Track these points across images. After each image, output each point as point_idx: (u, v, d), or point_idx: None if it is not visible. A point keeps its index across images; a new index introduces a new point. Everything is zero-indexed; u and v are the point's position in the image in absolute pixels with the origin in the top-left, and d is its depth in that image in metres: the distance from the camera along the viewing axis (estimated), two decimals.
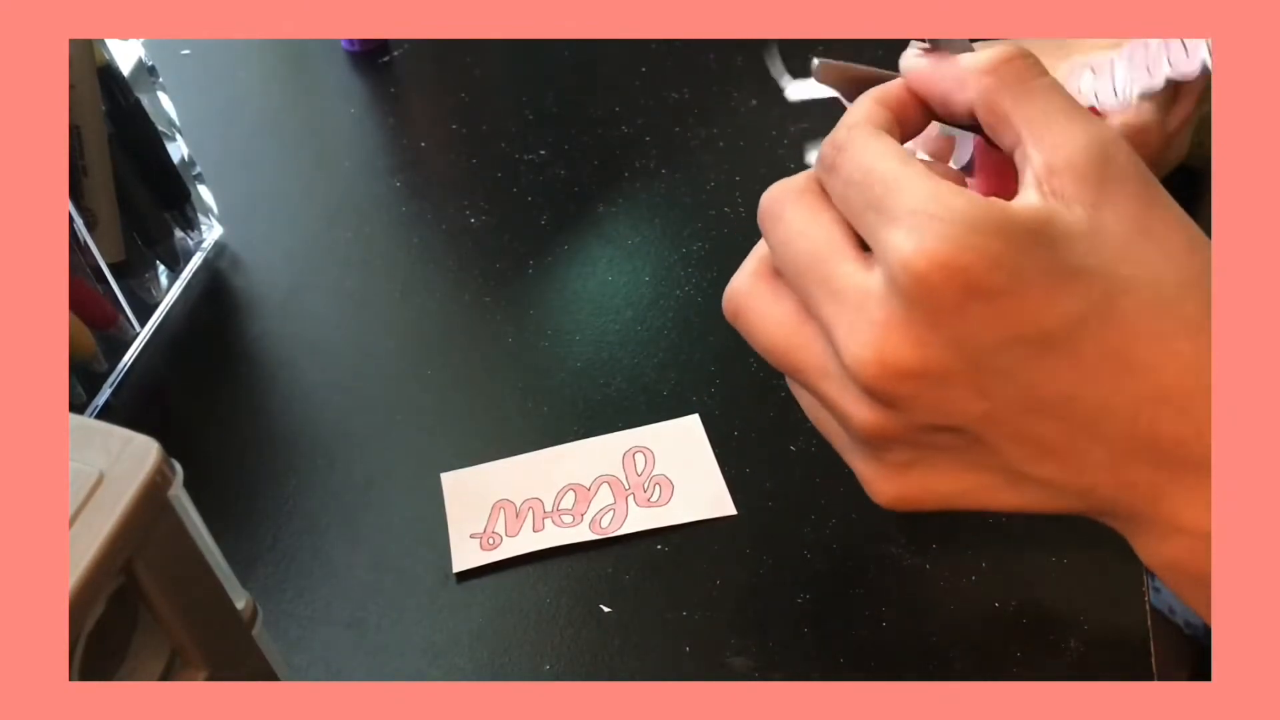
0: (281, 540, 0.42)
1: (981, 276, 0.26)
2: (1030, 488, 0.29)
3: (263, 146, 0.61)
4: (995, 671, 0.36)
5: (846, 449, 0.31)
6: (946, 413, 0.28)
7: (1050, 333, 0.27)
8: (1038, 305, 0.26)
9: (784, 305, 0.31)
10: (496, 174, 0.56)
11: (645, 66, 0.62)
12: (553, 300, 0.50)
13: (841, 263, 0.28)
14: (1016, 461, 0.28)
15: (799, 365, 0.31)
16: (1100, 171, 0.27)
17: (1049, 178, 0.27)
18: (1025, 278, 0.26)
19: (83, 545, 0.22)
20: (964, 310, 0.26)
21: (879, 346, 0.27)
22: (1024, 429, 0.28)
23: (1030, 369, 0.27)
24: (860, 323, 0.28)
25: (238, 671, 0.28)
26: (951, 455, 0.29)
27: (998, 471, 0.29)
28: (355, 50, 0.65)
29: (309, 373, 0.48)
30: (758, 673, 0.37)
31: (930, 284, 0.26)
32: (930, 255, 0.26)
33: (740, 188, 0.54)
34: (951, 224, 0.26)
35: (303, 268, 0.53)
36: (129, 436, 0.24)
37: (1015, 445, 0.28)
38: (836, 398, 0.30)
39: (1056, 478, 0.28)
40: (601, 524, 0.41)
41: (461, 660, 0.38)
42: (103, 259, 0.46)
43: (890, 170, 0.28)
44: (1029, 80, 0.29)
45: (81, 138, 0.45)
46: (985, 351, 0.27)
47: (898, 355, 0.27)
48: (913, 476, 0.30)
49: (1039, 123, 0.28)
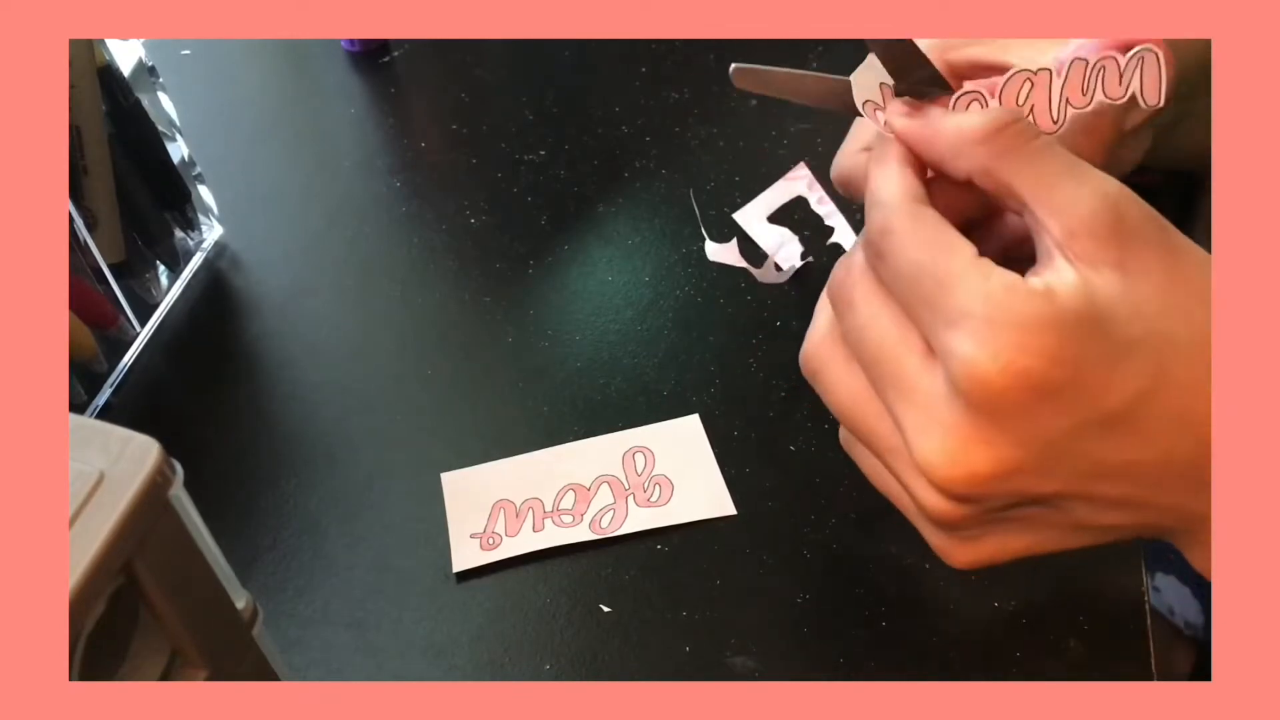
0: (281, 540, 0.42)
1: (1045, 376, 0.26)
2: (1094, 535, 0.31)
3: (263, 146, 0.61)
4: (995, 671, 0.36)
5: (916, 519, 0.32)
6: (1016, 496, 0.29)
7: (1114, 412, 0.27)
8: (1100, 391, 0.27)
9: (856, 373, 0.31)
10: (496, 174, 0.56)
11: (645, 66, 0.62)
12: (553, 300, 0.50)
13: (907, 359, 0.29)
14: (1084, 517, 0.30)
15: (870, 434, 0.31)
16: (1116, 229, 0.27)
17: (1069, 243, 0.27)
18: (1085, 367, 0.27)
19: (83, 545, 0.22)
20: (1030, 410, 0.27)
21: (949, 452, 0.28)
22: (1092, 492, 0.29)
23: (1096, 447, 0.28)
24: (929, 425, 0.28)
25: (238, 671, 0.28)
26: (1022, 523, 0.30)
27: (1066, 527, 0.30)
28: (355, 50, 0.65)
29: (309, 373, 0.48)
30: (758, 673, 0.37)
31: (995, 390, 0.27)
32: (991, 363, 0.26)
33: (740, 188, 0.54)
34: (1008, 327, 0.26)
35: (303, 268, 0.53)
36: (129, 436, 0.24)
37: (1083, 505, 0.29)
38: (910, 481, 0.30)
39: (1121, 522, 0.30)
40: (601, 524, 0.41)
41: (461, 660, 0.38)
42: (103, 259, 0.46)
43: (938, 266, 0.28)
44: (1024, 146, 0.29)
45: (81, 138, 0.45)
46: (1054, 443, 0.27)
47: (969, 460, 0.28)
48: (985, 544, 0.31)
49: (1043, 188, 0.28)
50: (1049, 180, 0.28)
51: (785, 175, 0.50)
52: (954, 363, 0.27)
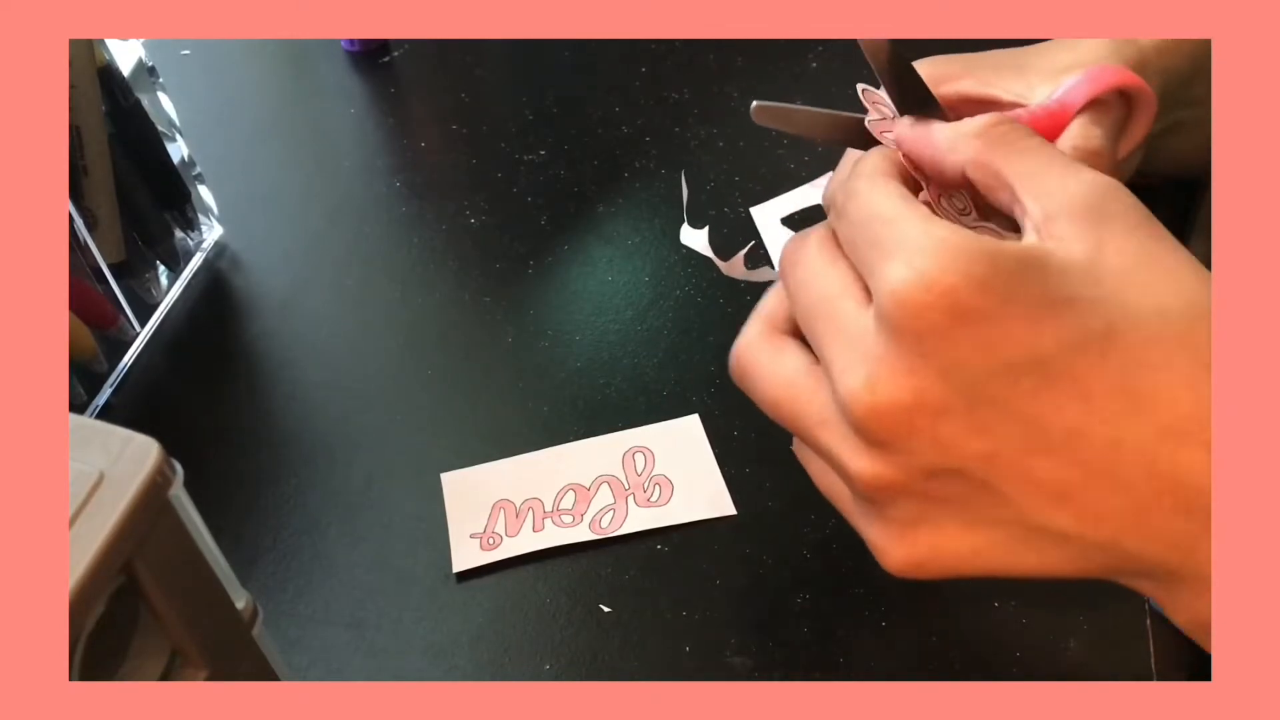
0: (281, 540, 0.42)
1: (967, 299, 0.25)
2: (1048, 545, 0.28)
3: (263, 146, 0.61)
4: (995, 671, 0.36)
5: (854, 514, 0.31)
6: (945, 451, 0.27)
7: (1045, 360, 0.26)
8: (1030, 330, 0.26)
9: (786, 360, 0.31)
10: (496, 174, 0.56)
11: (645, 66, 0.62)
12: (553, 300, 0.50)
13: (845, 303, 0.28)
14: (1028, 511, 0.27)
15: (798, 415, 0.30)
16: (1097, 213, 0.27)
17: (1046, 225, 0.27)
18: (1014, 301, 0.26)
19: (83, 545, 0.22)
20: (952, 335, 0.26)
21: (869, 381, 0.27)
22: (1031, 471, 0.26)
23: (1029, 401, 0.26)
24: (854, 358, 0.27)
25: (238, 671, 0.28)
26: (958, 508, 0.28)
27: (1009, 525, 0.28)
28: (355, 50, 0.65)
29: (309, 373, 0.48)
30: (758, 673, 0.37)
31: (915, 309, 0.26)
32: (914, 281, 0.26)
33: (740, 188, 0.54)
34: (937, 253, 0.26)
35: (303, 268, 0.53)
36: (129, 436, 0.24)
37: (1024, 491, 0.27)
38: (836, 448, 0.29)
39: (1074, 529, 0.27)
40: (601, 524, 0.41)
41: (461, 660, 0.38)
42: (103, 259, 0.46)
43: (890, 209, 0.28)
44: (1017, 142, 0.29)
45: (81, 138, 0.45)
46: (978, 380, 0.26)
47: (888, 387, 0.26)
48: (921, 536, 0.29)
49: (1031, 177, 0.28)
50: (1038, 169, 0.28)
51: (812, 181, 0.50)
52: (883, 286, 0.26)
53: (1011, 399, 0.26)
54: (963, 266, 0.26)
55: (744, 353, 0.32)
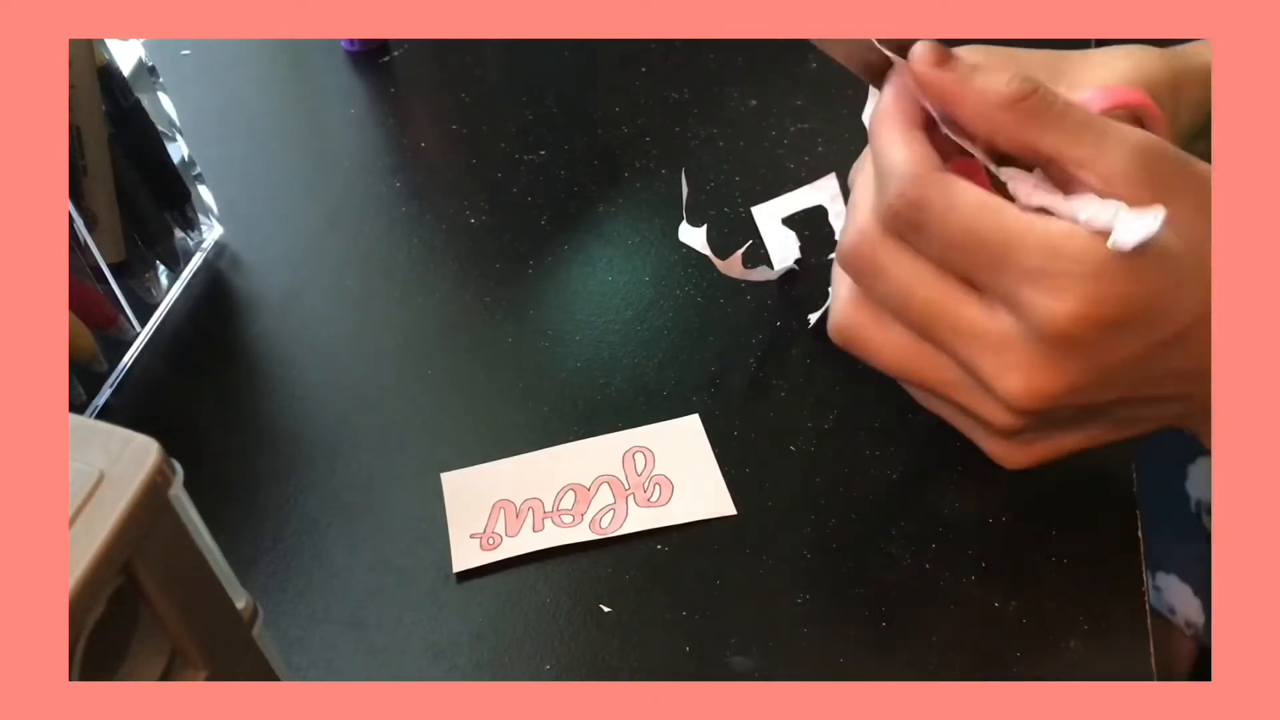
0: (281, 540, 0.42)
1: (1118, 317, 0.30)
2: (1139, 425, 0.34)
3: (263, 146, 0.61)
4: (995, 671, 0.36)
5: (973, 431, 0.36)
6: (1081, 406, 0.32)
7: (1177, 334, 0.30)
8: (1166, 318, 0.30)
9: (897, 331, 0.34)
10: (496, 174, 0.56)
11: (645, 66, 0.62)
12: (553, 300, 0.50)
13: (965, 309, 0.32)
14: (1134, 413, 0.33)
15: (929, 381, 0.34)
16: (1148, 173, 0.30)
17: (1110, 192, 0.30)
18: (1153, 300, 0.30)
19: (83, 545, 0.22)
20: (1106, 342, 0.30)
21: (1030, 382, 0.31)
22: (1146, 395, 0.32)
23: (1154, 362, 0.31)
24: (1006, 365, 0.31)
25: (238, 671, 0.28)
26: (1077, 424, 0.34)
27: (1116, 422, 0.34)
28: (355, 50, 0.65)
29: (309, 373, 0.48)
30: (758, 673, 0.37)
31: (1075, 335, 0.30)
32: (1074, 313, 0.29)
33: (740, 188, 0.54)
34: (1086, 278, 0.29)
35: (303, 268, 0.53)
36: (129, 436, 0.24)
37: (1136, 406, 0.33)
38: (976, 405, 0.34)
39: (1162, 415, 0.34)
40: (601, 524, 0.41)
41: (461, 660, 0.38)
42: (103, 259, 0.46)
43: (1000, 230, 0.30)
44: (1045, 110, 0.31)
45: (81, 138, 0.45)
46: (1122, 362, 0.31)
47: (1048, 386, 0.31)
48: (1041, 446, 0.35)
49: (1070, 146, 0.30)
50: (1075, 137, 0.30)
51: (813, 183, 0.50)
52: (1036, 314, 0.30)
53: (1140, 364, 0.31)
54: (1108, 292, 0.29)
55: (849, 323, 0.35)
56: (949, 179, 0.31)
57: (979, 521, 0.40)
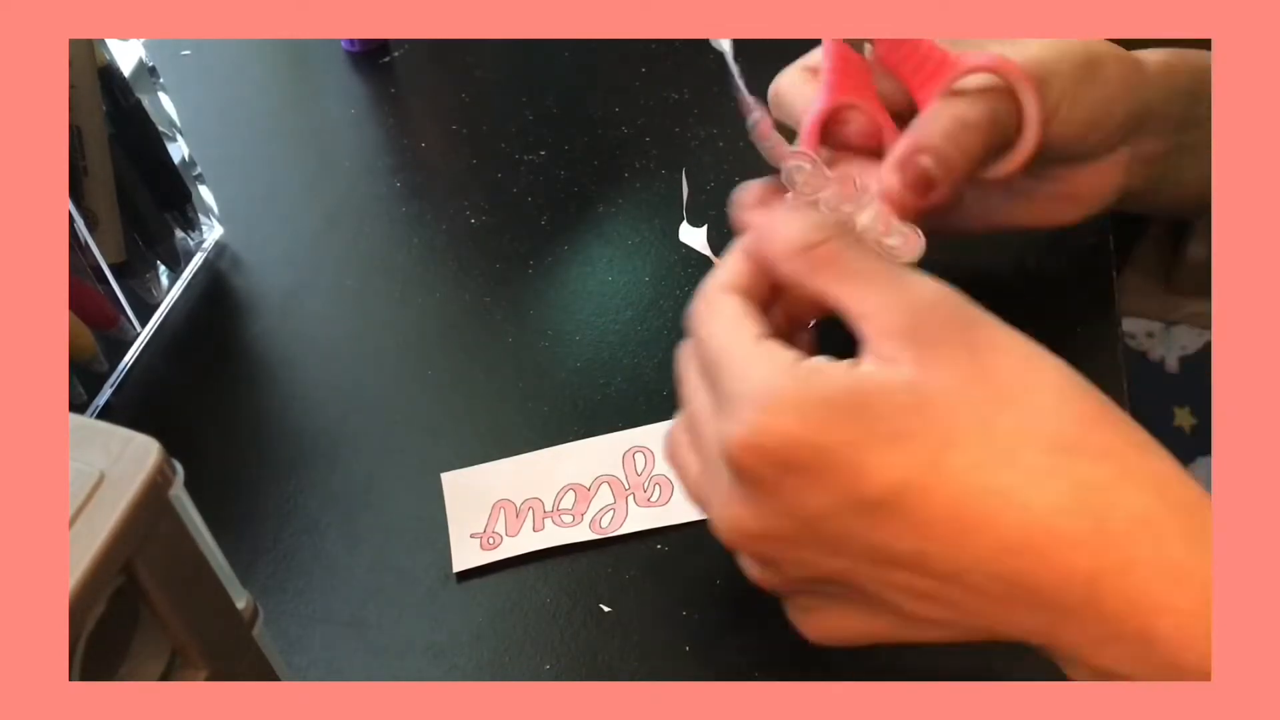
0: (281, 540, 0.42)
1: (787, 454, 0.27)
2: (930, 627, 0.29)
3: (263, 146, 0.61)
4: (996, 671, 0.36)
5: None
6: (807, 567, 0.29)
7: (872, 499, 0.27)
8: (852, 477, 0.27)
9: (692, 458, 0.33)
10: (496, 174, 0.56)
11: (645, 66, 0.62)
12: (553, 300, 0.50)
13: (707, 427, 0.31)
14: (901, 605, 0.29)
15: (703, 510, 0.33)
16: (922, 327, 0.28)
17: (876, 343, 0.28)
18: (834, 450, 0.27)
19: (83, 545, 0.22)
20: (781, 485, 0.28)
21: (722, 511, 0.30)
22: (890, 579, 0.28)
23: (868, 531, 0.28)
24: (714, 489, 0.30)
25: (238, 671, 0.28)
26: (844, 602, 0.30)
27: (891, 614, 0.30)
28: (355, 50, 0.65)
29: (309, 373, 0.48)
30: (758, 673, 0.37)
31: (744, 466, 0.28)
32: (739, 441, 0.28)
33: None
34: (754, 408, 0.28)
35: (303, 268, 0.53)
36: (129, 436, 0.24)
37: (891, 593, 0.29)
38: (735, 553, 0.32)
39: (946, 618, 0.29)
40: (601, 524, 0.41)
41: (461, 660, 0.38)
42: (103, 259, 0.46)
43: (725, 351, 0.30)
44: (841, 259, 0.30)
45: (82, 138, 0.45)
46: (816, 518, 0.28)
47: (738, 521, 0.29)
48: (822, 620, 0.32)
49: (855, 297, 0.29)
50: (863, 288, 0.29)
51: None
52: (721, 436, 0.29)
53: (851, 529, 0.28)
54: (777, 423, 0.28)
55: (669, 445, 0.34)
56: (722, 295, 0.31)
57: None
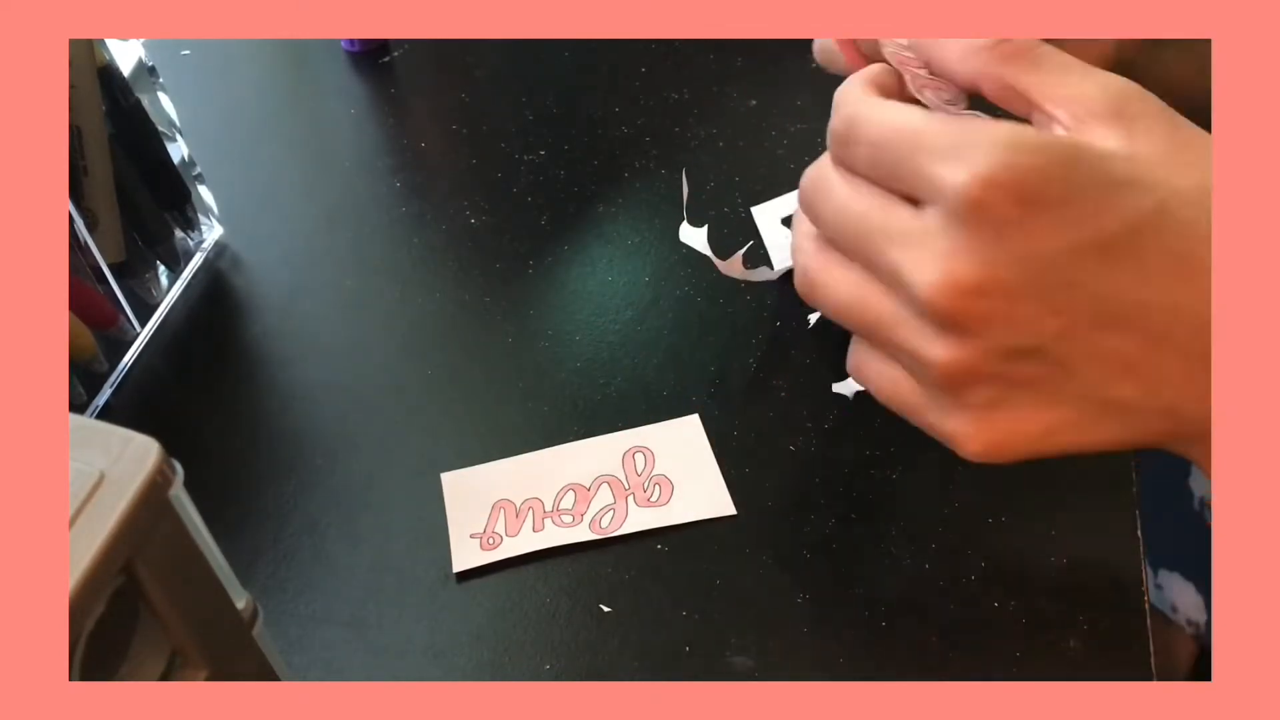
0: (281, 540, 0.42)
1: (1036, 188, 0.27)
2: (1115, 416, 0.29)
3: (263, 146, 0.61)
4: (995, 671, 0.36)
5: (928, 410, 0.32)
6: (1022, 332, 0.28)
7: (1111, 239, 0.27)
8: (1095, 213, 0.27)
9: (849, 269, 0.32)
10: (496, 174, 0.56)
11: (645, 66, 0.62)
12: (553, 300, 0.50)
13: (895, 212, 0.30)
14: (1097, 384, 0.29)
15: (873, 319, 0.31)
16: (1121, 110, 0.29)
17: (1077, 127, 0.29)
18: (1078, 188, 0.27)
19: (83, 545, 0.22)
20: (1023, 223, 0.27)
21: (948, 271, 0.28)
22: (1100, 345, 0.28)
23: (1097, 278, 0.28)
24: (926, 256, 0.29)
25: (238, 671, 0.28)
26: (1033, 390, 0.30)
27: (1081, 400, 0.29)
28: (355, 50, 0.65)
29: (309, 373, 0.48)
30: (758, 673, 0.37)
31: (987, 204, 0.27)
32: (983, 178, 0.27)
33: (740, 188, 0.54)
34: (995, 146, 0.27)
35: (303, 268, 0.53)
36: (129, 436, 0.24)
37: (1094, 365, 0.29)
38: (913, 343, 0.30)
39: (1138, 398, 0.29)
40: (601, 524, 0.41)
41: (461, 660, 0.38)
42: (103, 259, 0.46)
43: (914, 122, 0.29)
44: (1027, 51, 0.30)
45: (81, 138, 0.45)
46: (1051, 263, 0.28)
47: (967, 275, 0.28)
48: (998, 420, 0.30)
49: (1049, 85, 0.30)
50: (1055, 76, 0.30)
51: None
52: (946, 187, 0.28)
53: (1080, 277, 0.28)
54: (1022, 159, 0.27)
55: (808, 266, 0.33)
56: (882, 99, 0.31)
57: (979, 521, 0.40)
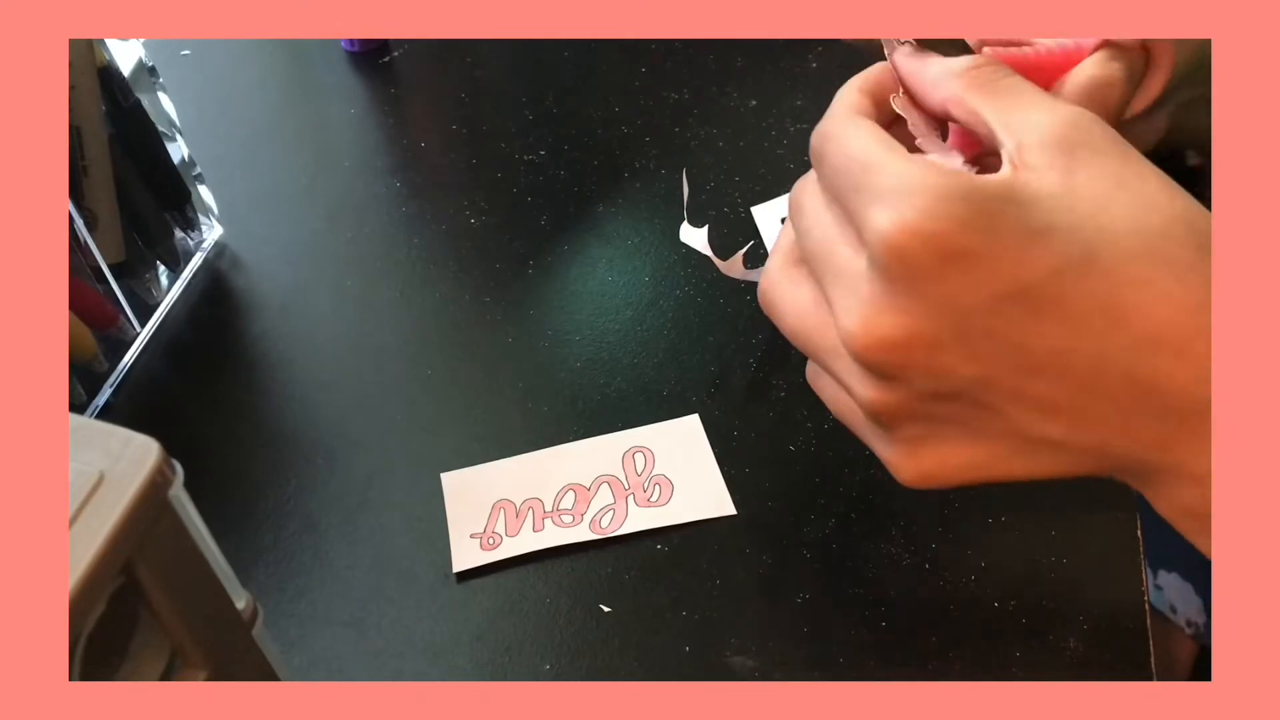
0: (281, 540, 0.42)
1: (954, 239, 0.27)
2: (1043, 452, 0.29)
3: (263, 146, 0.61)
4: (995, 671, 0.36)
5: (866, 433, 0.33)
6: (942, 379, 0.29)
7: (1030, 288, 0.27)
8: (1014, 262, 0.27)
9: (802, 290, 0.32)
10: (496, 174, 0.56)
11: (645, 66, 0.62)
12: (553, 300, 0.50)
13: (840, 247, 0.30)
14: (1023, 425, 0.29)
15: (815, 347, 0.32)
16: (1068, 140, 0.28)
17: (1019, 154, 0.29)
18: (998, 237, 0.27)
19: (83, 545, 0.22)
20: (942, 275, 0.27)
21: (864, 320, 0.28)
22: (1023, 389, 0.28)
23: (1018, 329, 0.27)
24: (853, 303, 0.29)
25: (238, 671, 0.28)
26: (959, 426, 0.30)
27: (1007, 438, 0.29)
28: (355, 50, 0.65)
29: (309, 373, 0.48)
30: (758, 673, 0.37)
31: (905, 254, 0.27)
32: (902, 227, 0.27)
33: (740, 188, 0.54)
34: (920, 195, 0.27)
35: (303, 268, 0.53)
36: (129, 436, 0.24)
37: (1018, 407, 0.29)
38: (845, 377, 0.31)
39: (1065, 438, 0.29)
40: (601, 524, 0.41)
41: (461, 660, 0.38)
42: (103, 259, 0.46)
43: (867, 153, 0.29)
44: (996, 80, 0.31)
45: (81, 138, 0.45)
46: (969, 314, 0.27)
47: (883, 327, 0.28)
48: (927, 452, 0.31)
49: (1006, 112, 0.30)
50: (1013, 105, 0.30)
51: None
52: (870, 235, 0.28)
53: (1000, 327, 0.27)
54: (945, 208, 0.27)
55: (767, 284, 0.34)
56: (857, 117, 0.31)
57: (979, 521, 0.40)
